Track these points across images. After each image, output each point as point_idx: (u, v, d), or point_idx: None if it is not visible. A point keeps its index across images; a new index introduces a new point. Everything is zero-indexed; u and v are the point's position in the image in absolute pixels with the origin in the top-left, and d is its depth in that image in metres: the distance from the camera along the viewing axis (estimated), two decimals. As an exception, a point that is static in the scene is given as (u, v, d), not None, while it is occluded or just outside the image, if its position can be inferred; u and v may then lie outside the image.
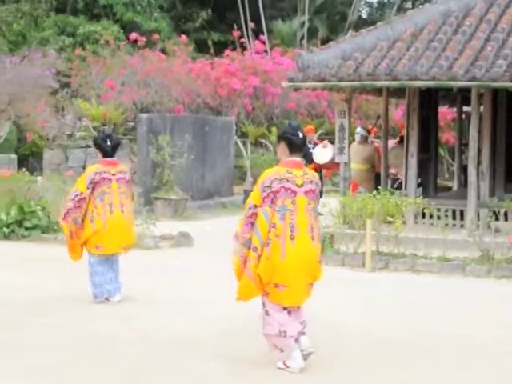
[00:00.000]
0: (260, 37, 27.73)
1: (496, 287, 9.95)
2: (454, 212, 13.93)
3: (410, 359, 6.65)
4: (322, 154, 15.98)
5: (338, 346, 6.98)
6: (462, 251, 11.18)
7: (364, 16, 42.27)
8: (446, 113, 22.83)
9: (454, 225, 13.81)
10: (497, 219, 12.76)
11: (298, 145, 6.23)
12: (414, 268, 10.84)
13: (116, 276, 8.73)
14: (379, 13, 41.30)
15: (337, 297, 9.01)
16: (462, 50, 13.37)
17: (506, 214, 12.93)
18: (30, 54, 21.91)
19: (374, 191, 12.17)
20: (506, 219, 13.02)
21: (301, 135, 6.24)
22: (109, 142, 8.62)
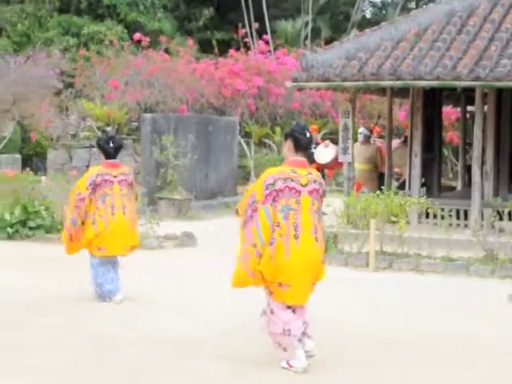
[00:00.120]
0: (264, 37, 27.71)
1: (500, 287, 9.93)
2: (457, 212, 13.92)
3: (413, 359, 6.65)
4: (324, 153, 15.96)
5: (342, 345, 6.98)
6: (465, 251, 11.17)
7: (368, 16, 42.26)
8: (450, 112, 22.81)
9: (458, 225, 13.81)
10: (501, 219, 12.76)
11: (304, 144, 6.26)
12: (417, 268, 10.83)
13: (117, 276, 8.73)
14: (383, 13, 41.29)
15: (340, 297, 9.01)
16: (466, 50, 13.37)
17: (510, 213, 12.93)
18: (34, 54, 21.93)
19: (378, 191, 12.17)
20: (510, 219, 13.03)
21: (308, 135, 6.28)
22: (111, 144, 8.62)
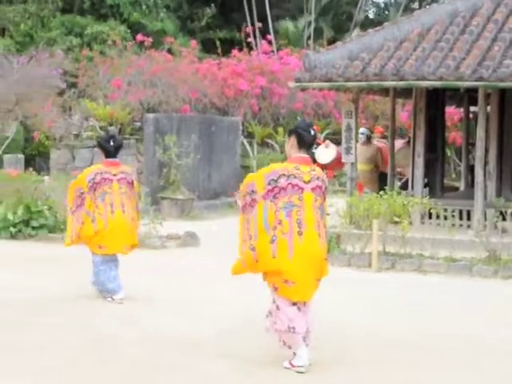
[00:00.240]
0: (267, 37, 27.71)
1: (503, 288, 9.93)
2: (460, 212, 13.91)
3: (416, 360, 6.65)
4: (325, 154, 15.94)
5: (345, 346, 6.98)
6: (468, 251, 11.16)
7: (370, 16, 42.26)
8: (453, 113, 22.79)
9: (461, 225, 13.79)
10: (504, 219, 12.73)
11: (307, 141, 6.31)
12: (420, 268, 10.83)
13: (118, 274, 8.75)
14: (385, 13, 41.28)
15: (343, 297, 9.01)
16: (469, 50, 13.36)
17: (513, 214, 12.90)
18: (37, 54, 21.96)
19: (381, 191, 12.16)
20: (513, 219, 13.00)
21: (312, 132, 6.33)
22: (112, 143, 8.71)
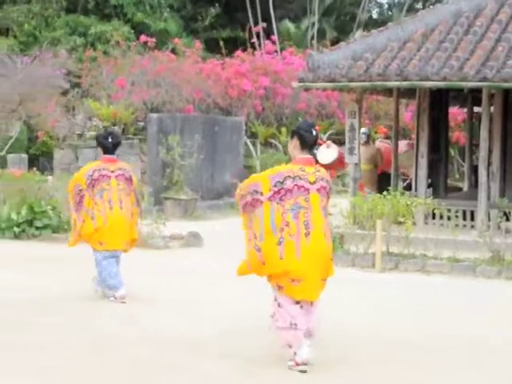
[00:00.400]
0: (271, 37, 27.70)
1: (506, 288, 9.92)
2: (464, 213, 13.91)
3: (420, 360, 6.64)
4: (326, 154, 15.88)
5: (348, 346, 6.98)
6: (472, 252, 11.15)
7: (374, 16, 42.24)
8: (456, 113, 22.78)
9: (465, 225, 13.79)
10: (507, 220, 12.73)
11: (310, 142, 6.33)
12: (424, 269, 10.82)
13: (119, 271, 8.78)
14: (389, 13, 41.26)
15: (347, 297, 9.00)
16: (472, 51, 13.35)
17: (516, 214, 12.90)
18: (41, 54, 21.97)
19: (384, 192, 12.15)
20: (517, 220, 13.00)
21: (314, 133, 6.35)
22: (110, 139, 8.79)
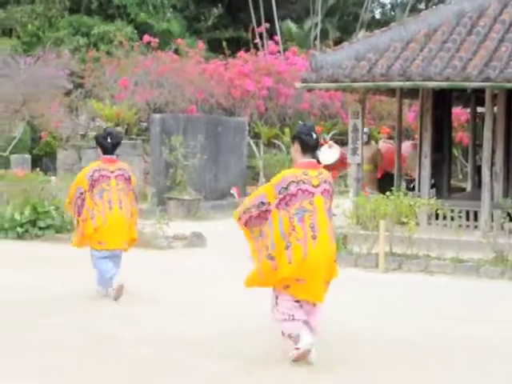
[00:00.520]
0: (274, 37, 27.71)
1: (510, 289, 9.90)
2: (467, 213, 13.89)
3: (423, 360, 6.63)
4: (328, 154, 15.86)
5: (351, 346, 6.97)
6: (475, 252, 11.14)
7: (377, 16, 42.23)
8: (459, 113, 22.77)
9: (468, 226, 13.77)
10: (511, 220, 12.72)
11: (310, 145, 6.33)
12: (427, 269, 10.81)
13: (117, 270, 8.82)
14: (392, 13, 41.24)
15: (350, 298, 9.00)
16: (475, 51, 13.34)
17: (519, 215, 12.89)
18: (44, 54, 22.00)
19: (387, 192, 12.15)
20: (520, 220, 12.98)
21: (314, 136, 6.34)
22: (109, 140, 8.82)
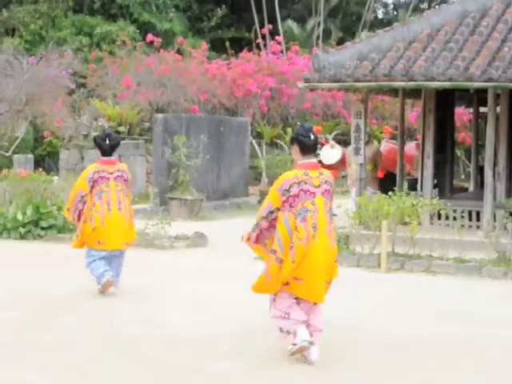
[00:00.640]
0: (276, 37, 27.70)
1: (512, 289, 9.91)
2: (470, 213, 13.87)
3: (425, 360, 6.63)
4: (330, 154, 15.83)
5: (352, 346, 6.97)
6: (478, 253, 11.13)
7: (380, 16, 42.23)
8: (462, 113, 22.76)
9: (470, 226, 13.76)
10: (513, 220, 12.68)
11: (309, 146, 6.38)
12: (429, 269, 10.80)
13: (114, 271, 8.90)
14: (394, 13, 41.24)
15: (352, 298, 9.00)
16: (478, 51, 13.32)
17: (522, 215, 12.85)
18: (47, 54, 22.00)
19: (389, 192, 12.14)
20: (523, 221, 12.95)
21: (312, 137, 6.40)
22: (108, 141, 8.91)
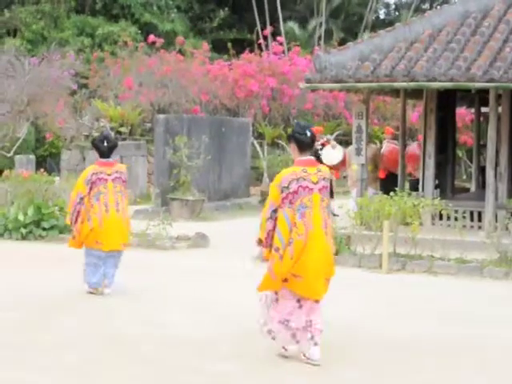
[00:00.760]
0: (278, 38, 27.72)
1: (514, 289, 9.90)
2: (471, 213, 13.87)
3: (425, 360, 6.63)
4: (332, 155, 15.79)
5: (353, 346, 6.97)
6: (479, 253, 11.12)
7: (381, 17, 42.23)
8: (464, 114, 22.75)
9: (472, 226, 13.75)
10: (515, 221, 12.67)
11: (306, 143, 6.43)
12: (431, 270, 10.80)
13: (109, 271, 8.94)
14: (396, 14, 41.24)
15: (353, 298, 8.99)
16: (480, 51, 13.32)
17: (524, 215, 12.85)
18: (49, 55, 22.02)
19: (391, 192, 12.14)
20: (525, 221, 12.94)
21: (309, 134, 6.44)
22: (105, 143, 8.99)
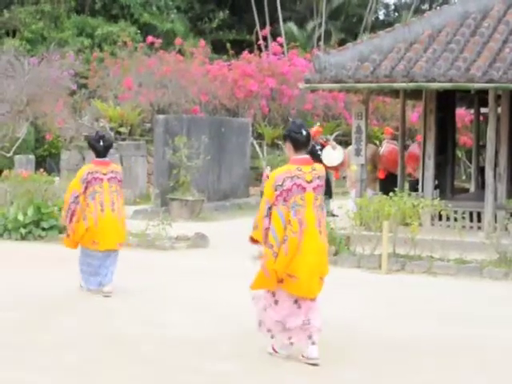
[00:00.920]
0: (277, 39, 27.74)
1: (513, 290, 9.91)
2: (471, 214, 13.88)
3: (425, 361, 6.63)
4: (332, 155, 15.78)
5: (354, 347, 6.98)
6: (479, 253, 11.13)
7: (381, 17, 42.24)
8: (463, 114, 22.77)
9: (471, 227, 13.76)
10: (514, 221, 12.69)
11: (301, 142, 6.46)
12: (430, 270, 10.80)
13: (107, 271, 8.95)
14: (396, 14, 41.25)
15: (352, 298, 8.99)
16: (479, 52, 13.33)
17: (523, 216, 12.86)
18: (48, 55, 22.02)
19: (391, 193, 12.14)
20: (524, 221, 12.95)
21: (304, 133, 6.46)
22: (101, 143, 9.05)
